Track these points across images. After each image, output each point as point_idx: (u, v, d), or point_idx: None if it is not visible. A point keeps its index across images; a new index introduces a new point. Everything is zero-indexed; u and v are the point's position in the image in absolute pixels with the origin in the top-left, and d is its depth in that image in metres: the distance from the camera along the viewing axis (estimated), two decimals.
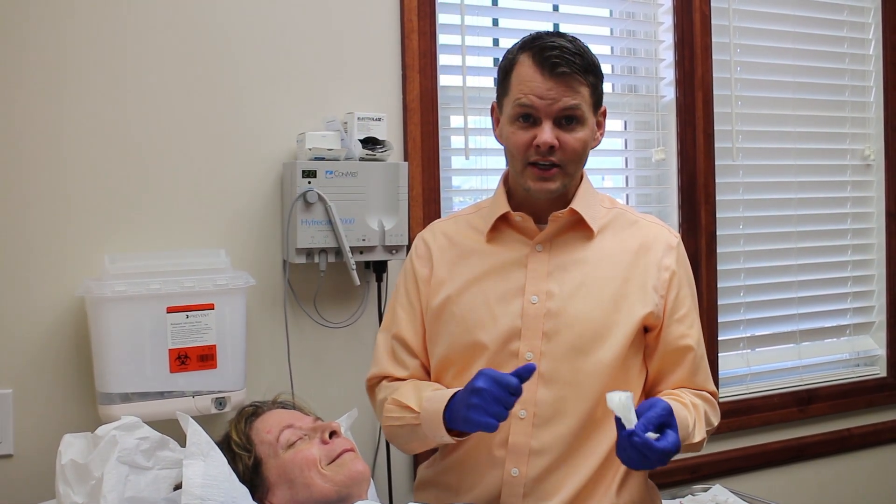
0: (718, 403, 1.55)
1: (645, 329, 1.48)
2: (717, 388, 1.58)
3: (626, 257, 1.47)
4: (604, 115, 1.49)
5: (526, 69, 1.41)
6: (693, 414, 1.43)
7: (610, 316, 1.43)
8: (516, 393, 1.28)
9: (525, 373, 1.30)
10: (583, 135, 1.41)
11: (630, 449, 1.23)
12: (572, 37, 1.44)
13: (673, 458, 1.30)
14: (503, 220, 1.51)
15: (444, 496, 1.52)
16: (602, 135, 1.50)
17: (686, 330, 1.48)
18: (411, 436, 1.46)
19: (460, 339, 1.47)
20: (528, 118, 1.41)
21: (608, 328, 1.43)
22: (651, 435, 1.24)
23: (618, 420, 1.24)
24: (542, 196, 1.44)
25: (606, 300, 1.44)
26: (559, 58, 1.37)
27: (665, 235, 1.52)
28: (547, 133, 1.38)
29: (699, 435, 1.43)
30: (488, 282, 1.48)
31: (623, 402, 1.23)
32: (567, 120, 1.40)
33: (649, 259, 1.47)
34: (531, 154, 1.41)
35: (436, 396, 1.40)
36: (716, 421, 1.52)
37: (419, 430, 1.42)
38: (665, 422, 1.26)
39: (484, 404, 1.28)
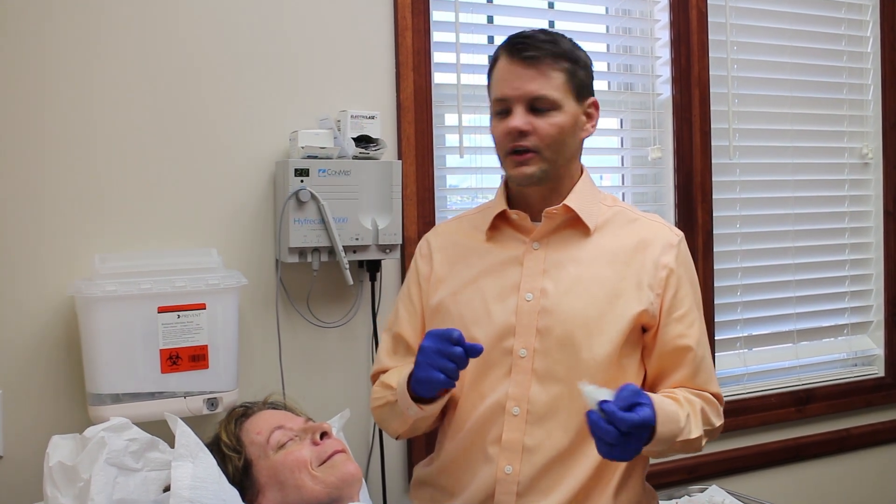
0: (722, 404, 1.51)
1: (643, 329, 1.47)
2: None
3: (623, 255, 1.46)
4: (595, 107, 1.49)
5: (501, 63, 1.46)
6: (686, 409, 1.40)
7: (604, 313, 1.42)
8: (458, 343, 1.29)
9: (471, 351, 1.31)
10: (558, 120, 1.42)
11: (597, 427, 1.20)
12: (554, 31, 1.48)
13: (670, 459, 1.29)
14: (503, 219, 1.53)
15: (440, 496, 1.52)
16: (594, 127, 1.49)
17: (685, 329, 1.45)
18: (391, 414, 1.48)
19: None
20: (506, 111, 1.44)
21: (601, 325, 1.42)
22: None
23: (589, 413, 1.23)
24: (523, 183, 1.46)
25: (601, 298, 1.43)
26: (525, 43, 1.42)
27: (665, 233, 1.50)
28: (516, 118, 1.41)
29: (696, 431, 1.39)
30: (485, 279, 1.50)
31: (592, 390, 1.22)
32: (539, 106, 1.42)
33: (646, 257, 1.46)
34: (508, 143, 1.44)
35: (406, 370, 1.42)
36: (717, 422, 1.48)
37: (397, 406, 1.44)
38: (636, 401, 1.24)
39: (427, 360, 1.32)
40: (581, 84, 1.46)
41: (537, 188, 1.48)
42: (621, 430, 1.20)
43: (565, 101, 1.43)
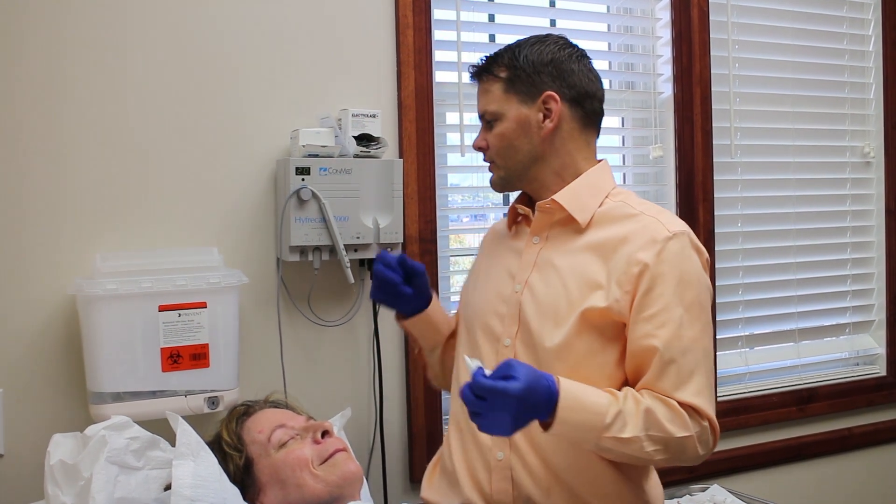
0: (707, 422, 1.35)
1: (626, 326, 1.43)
2: (715, 393, 1.42)
3: (607, 248, 1.43)
4: (553, 99, 1.45)
5: None
6: (620, 405, 1.31)
7: (574, 306, 1.40)
8: (380, 260, 1.52)
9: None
10: (500, 129, 1.48)
11: (463, 396, 1.23)
12: (512, 43, 1.51)
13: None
14: (524, 214, 1.57)
15: (450, 484, 1.53)
16: (553, 122, 1.45)
17: (653, 330, 1.35)
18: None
19: (464, 319, 1.58)
20: None
21: (565, 321, 1.41)
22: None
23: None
24: (493, 190, 1.58)
25: (574, 292, 1.41)
26: (472, 66, 1.53)
27: (654, 229, 1.40)
28: (476, 138, 1.53)
29: (630, 431, 1.30)
30: (495, 269, 1.56)
31: (470, 363, 1.24)
32: (488, 120, 1.51)
33: (623, 252, 1.40)
34: None
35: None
36: (678, 432, 1.32)
37: None
38: (508, 373, 1.23)
39: (373, 282, 1.55)
40: (528, 84, 1.46)
41: (526, 187, 1.53)
42: (476, 395, 1.21)
43: (507, 108, 1.47)
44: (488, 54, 1.52)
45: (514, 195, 1.62)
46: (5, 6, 1.57)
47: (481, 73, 1.51)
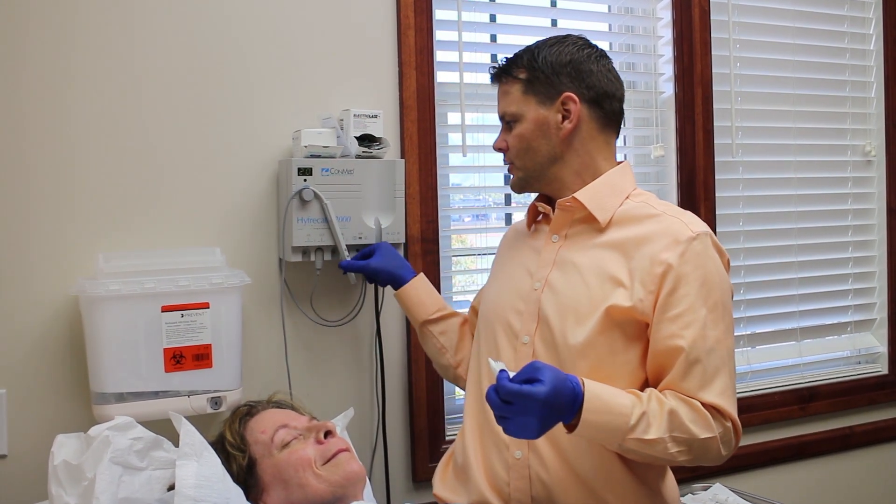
0: (731, 422, 1.36)
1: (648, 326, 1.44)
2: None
3: (629, 247, 1.43)
4: (571, 100, 1.46)
5: None
6: (644, 406, 1.31)
7: (596, 304, 1.41)
8: (345, 268, 1.72)
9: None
10: (519, 130, 1.50)
11: (489, 399, 1.22)
12: (532, 44, 1.52)
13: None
14: (544, 213, 1.58)
15: (463, 481, 1.54)
16: (571, 122, 1.46)
17: (678, 330, 1.35)
18: None
19: (482, 316, 1.61)
20: None
21: (588, 318, 1.41)
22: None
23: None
24: (514, 191, 1.59)
25: (595, 291, 1.42)
26: (492, 67, 1.55)
27: (677, 229, 1.40)
28: (497, 139, 1.55)
29: (654, 433, 1.29)
30: (514, 267, 1.58)
31: (495, 365, 1.24)
32: (508, 121, 1.52)
33: (646, 251, 1.41)
34: None
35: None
36: (702, 433, 1.32)
37: None
38: (532, 376, 1.22)
39: None
40: (547, 86, 1.47)
41: (545, 187, 1.53)
42: (502, 399, 1.21)
43: (526, 109, 1.49)
44: (507, 56, 1.53)
45: (516, 196, 1.63)
46: (10, 5, 1.58)
47: (501, 74, 1.52)
